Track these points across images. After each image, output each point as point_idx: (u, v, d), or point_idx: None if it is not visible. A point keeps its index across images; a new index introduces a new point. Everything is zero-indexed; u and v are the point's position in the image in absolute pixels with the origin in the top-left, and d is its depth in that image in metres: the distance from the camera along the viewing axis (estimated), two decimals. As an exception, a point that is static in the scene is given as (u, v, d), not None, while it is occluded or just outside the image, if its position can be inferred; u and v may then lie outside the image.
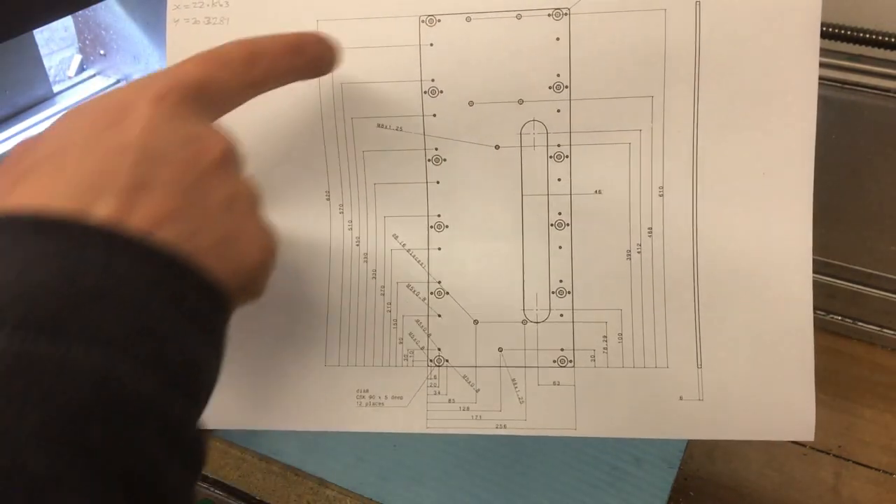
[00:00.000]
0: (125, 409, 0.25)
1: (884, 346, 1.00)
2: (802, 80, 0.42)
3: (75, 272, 0.26)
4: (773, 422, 0.44)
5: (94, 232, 0.27)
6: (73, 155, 0.29)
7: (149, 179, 0.29)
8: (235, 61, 0.34)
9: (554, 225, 0.44)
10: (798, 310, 0.43)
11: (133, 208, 0.28)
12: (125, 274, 0.26)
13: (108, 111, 0.30)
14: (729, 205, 0.43)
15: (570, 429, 0.45)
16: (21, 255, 0.26)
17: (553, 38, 0.42)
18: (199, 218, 0.30)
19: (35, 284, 0.25)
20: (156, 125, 0.30)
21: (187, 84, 0.32)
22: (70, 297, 0.25)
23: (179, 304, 0.28)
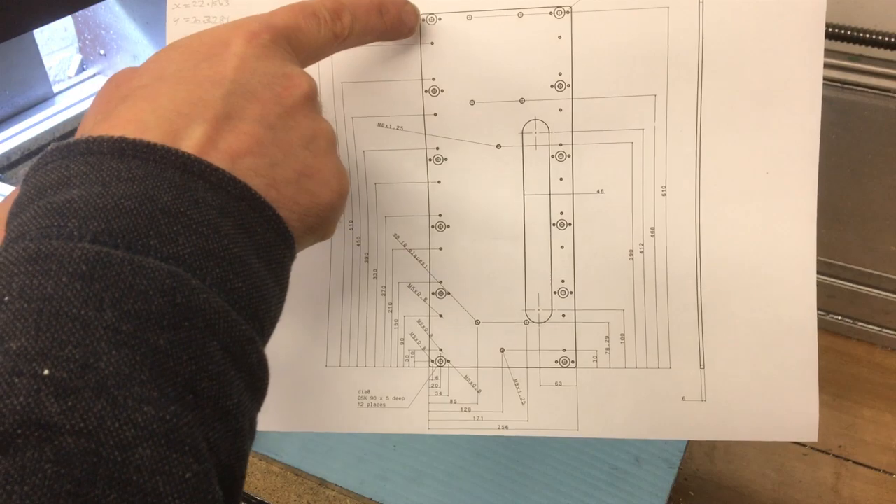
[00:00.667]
0: (194, 321, 0.26)
1: (884, 346, 1.01)
2: (806, 78, 0.41)
3: (153, 192, 0.27)
4: (776, 422, 0.44)
5: (173, 158, 0.28)
6: (168, 85, 0.31)
7: (237, 111, 0.31)
8: (323, 12, 0.36)
9: (556, 224, 0.44)
10: (801, 310, 0.43)
11: (219, 137, 0.30)
12: (200, 198, 0.28)
13: (204, 45, 0.32)
14: (732, 204, 0.43)
15: (572, 430, 0.45)
16: (104, 176, 0.27)
17: (555, 37, 0.42)
18: (280, 151, 0.32)
19: (116, 200, 0.26)
20: (248, 61, 0.32)
21: (279, 27, 0.34)
22: (147, 214, 0.27)
23: (248, 233, 0.29)
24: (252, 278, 0.29)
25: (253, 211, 0.29)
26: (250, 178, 0.30)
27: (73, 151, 0.28)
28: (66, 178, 0.27)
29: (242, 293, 0.28)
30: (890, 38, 0.83)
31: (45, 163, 0.29)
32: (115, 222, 0.26)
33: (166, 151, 0.28)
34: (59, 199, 0.27)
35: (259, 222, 0.30)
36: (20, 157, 0.95)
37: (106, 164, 0.27)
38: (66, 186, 0.27)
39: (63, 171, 0.28)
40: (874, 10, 0.88)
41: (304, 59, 0.36)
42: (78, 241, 0.25)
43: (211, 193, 0.28)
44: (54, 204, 0.27)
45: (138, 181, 0.27)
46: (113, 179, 0.27)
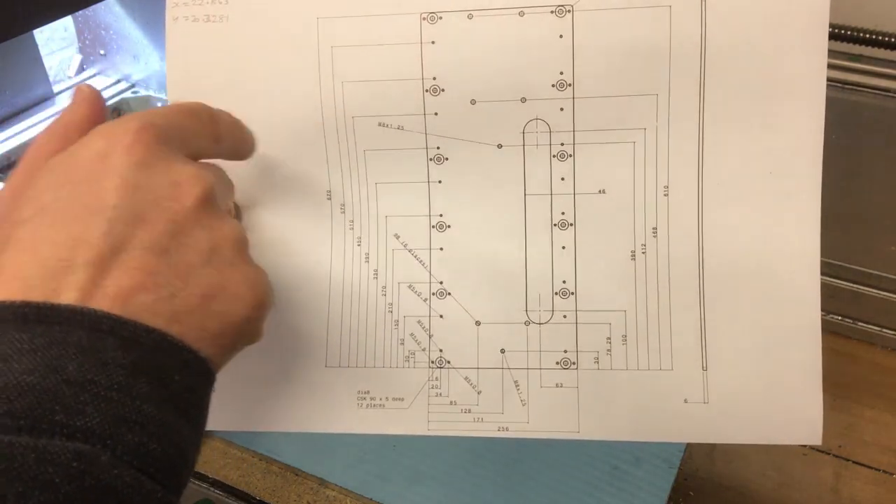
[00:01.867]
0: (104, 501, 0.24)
1: (884, 346, 1.00)
2: (810, 77, 0.41)
3: (57, 363, 0.26)
4: (780, 425, 0.44)
5: (79, 318, 0.27)
6: (47, 222, 0.29)
7: (123, 243, 0.29)
8: (202, 114, 0.35)
9: (557, 225, 0.44)
10: (806, 311, 0.43)
11: (105, 279, 0.28)
12: (108, 360, 0.26)
13: (82, 164, 0.30)
14: (735, 204, 0.43)
15: (573, 431, 0.45)
16: (5, 349, 0.26)
17: (556, 36, 0.42)
18: (177, 278, 0.29)
19: (17, 377, 0.25)
20: (129, 178, 0.30)
21: (159, 124, 0.32)
22: (51, 388, 0.25)
23: (163, 385, 0.27)
24: (168, 435, 0.27)
25: (170, 359, 0.28)
26: (148, 319, 0.28)
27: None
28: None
29: (158, 454, 0.27)
30: (890, 38, 0.83)
31: None
32: (17, 402, 0.24)
33: (71, 312, 0.27)
34: None
35: (177, 370, 0.28)
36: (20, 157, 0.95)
37: (8, 336, 0.26)
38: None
39: None
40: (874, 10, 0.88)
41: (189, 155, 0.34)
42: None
43: (121, 352, 0.27)
44: None
45: (41, 351, 0.26)
46: (14, 353, 0.25)
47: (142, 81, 1.09)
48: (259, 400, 0.46)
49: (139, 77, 1.08)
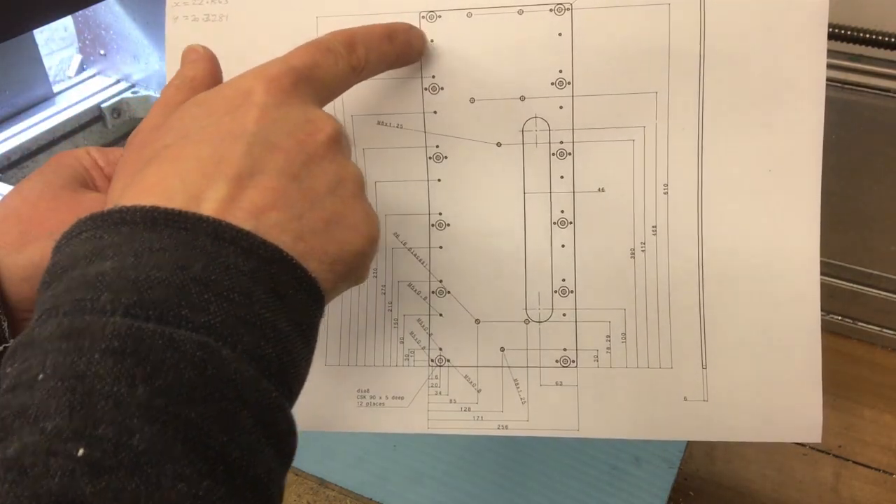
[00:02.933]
0: (225, 392, 0.26)
1: (884, 346, 1.01)
2: (810, 75, 0.41)
3: (184, 261, 0.27)
4: (779, 423, 0.44)
5: (204, 225, 0.28)
6: (191, 143, 0.31)
7: (260, 166, 0.31)
8: (337, 47, 0.36)
9: (556, 223, 0.44)
10: (805, 309, 0.43)
11: (242, 195, 0.30)
12: (231, 265, 0.28)
13: (225, 98, 0.33)
14: (734, 202, 0.42)
15: (572, 430, 0.45)
16: (136, 247, 0.27)
17: (555, 34, 0.42)
18: (305, 201, 0.31)
19: (147, 272, 0.27)
20: (268, 110, 0.32)
21: (298, 68, 0.34)
22: (178, 283, 0.27)
23: (279, 297, 0.29)
24: (282, 343, 0.29)
25: (284, 274, 0.29)
26: (277, 234, 0.30)
27: (107, 221, 0.28)
28: (99, 248, 0.28)
29: (273, 359, 0.28)
30: (890, 38, 0.83)
31: (78, 232, 0.29)
32: (147, 294, 0.26)
33: (197, 219, 0.28)
34: (92, 270, 0.27)
35: (290, 284, 0.29)
36: (20, 157, 0.95)
37: (138, 235, 0.28)
38: (98, 258, 0.27)
39: (96, 241, 0.28)
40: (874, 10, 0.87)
41: (326, 95, 0.36)
42: (110, 315, 0.26)
43: (242, 259, 0.28)
44: (87, 276, 0.27)
45: (170, 251, 0.27)
46: (145, 250, 0.27)
47: (142, 81, 1.09)
48: None
49: (139, 77, 1.09)
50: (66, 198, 0.39)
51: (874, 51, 0.85)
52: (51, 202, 0.39)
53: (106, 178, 0.42)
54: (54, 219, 0.38)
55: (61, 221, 0.38)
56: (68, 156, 0.42)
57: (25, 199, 0.39)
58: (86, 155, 0.42)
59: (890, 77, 0.89)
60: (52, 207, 0.39)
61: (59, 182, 0.40)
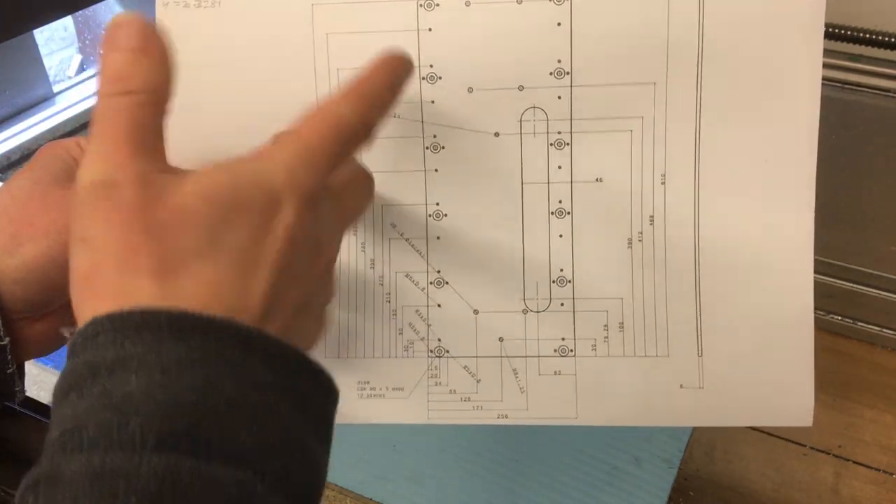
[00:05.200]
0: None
1: (884, 346, 1.00)
2: (806, 66, 0.41)
3: (215, 380, 0.26)
4: (772, 409, 0.44)
5: (233, 332, 0.27)
6: (221, 263, 0.29)
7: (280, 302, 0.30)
8: (359, 128, 0.34)
9: (554, 213, 0.44)
10: (799, 297, 0.43)
11: (269, 316, 0.29)
12: (259, 381, 0.27)
13: (260, 211, 0.30)
14: (731, 193, 0.43)
15: (570, 418, 0.45)
16: (163, 360, 0.26)
17: (554, 24, 0.42)
18: (312, 331, 0.33)
19: (177, 393, 0.25)
20: (297, 239, 0.31)
21: (324, 172, 0.32)
22: (210, 407, 0.26)
23: (304, 410, 0.29)
24: (308, 459, 0.29)
25: (309, 382, 0.29)
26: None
27: (127, 325, 0.27)
28: (122, 359, 0.26)
29: (300, 479, 0.28)
30: (890, 38, 0.83)
31: (96, 333, 0.27)
32: (179, 422, 0.25)
33: (226, 325, 0.27)
34: (118, 389, 0.26)
35: (314, 392, 0.30)
36: (20, 157, 0.95)
37: (165, 346, 0.26)
38: (122, 369, 0.26)
39: (118, 349, 0.26)
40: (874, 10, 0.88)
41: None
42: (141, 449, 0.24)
43: (270, 372, 0.28)
44: (112, 395, 0.26)
45: (199, 366, 0.26)
46: (173, 365, 0.26)
47: (142, 82, 1.08)
48: None
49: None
50: (57, 195, 0.38)
51: (874, 51, 0.85)
52: (41, 201, 0.38)
53: None
54: (45, 218, 0.37)
55: (52, 220, 0.37)
56: (57, 147, 0.41)
57: (15, 199, 0.38)
58: (74, 146, 0.41)
59: (890, 77, 0.89)
60: (43, 206, 0.38)
61: (48, 178, 0.39)
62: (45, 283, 0.37)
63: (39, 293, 0.38)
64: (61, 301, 0.39)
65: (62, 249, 0.37)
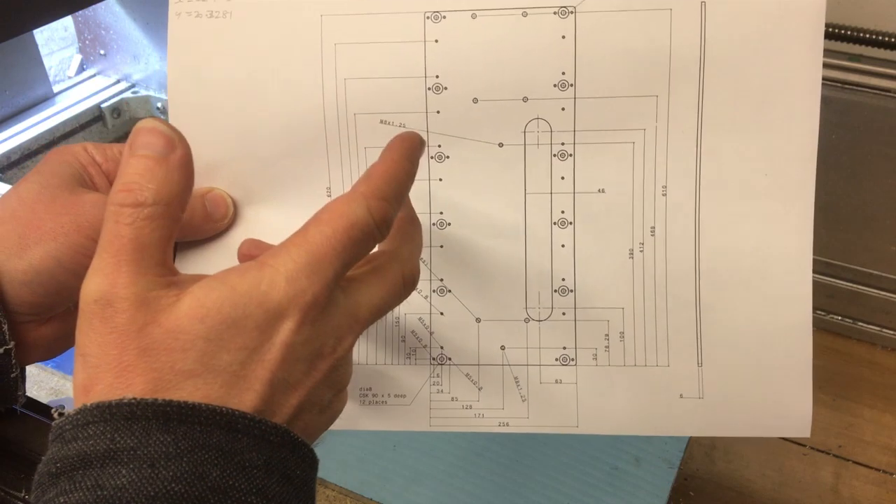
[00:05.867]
0: None
1: (884, 346, 1.01)
2: (806, 80, 0.42)
3: (201, 469, 0.27)
4: (771, 419, 0.44)
5: (218, 418, 0.28)
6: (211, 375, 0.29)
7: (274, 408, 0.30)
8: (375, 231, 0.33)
9: (557, 223, 0.44)
10: (797, 309, 0.44)
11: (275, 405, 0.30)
12: (246, 462, 0.28)
13: (259, 325, 0.30)
14: (731, 204, 0.43)
15: (571, 427, 0.45)
16: (152, 452, 0.27)
17: (559, 37, 0.42)
18: (318, 414, 0.33)
19: (165, 486, 0.26)
20: (296, 349, 0.30)
21: (331, 282, 0.31)
22: (197, 496, 0.26)
23: (290, 482, 0.29)
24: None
25: (293, 455, 0.30)
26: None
27: (117, 416, 0.27)
28: (113, 451, 0.27)
29: None
30: (890, 38, 0.83)
31: (86, 422, 0.27)
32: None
33: (211, 412, 0.28)
34: (109, 482, 0.26)
35: (298, 465, 0.30)
36: (20, 157, 0.95)
37: (153, 437, 0.27)
38: (113, 462, 0.27)
39: (108, 441, 0.27)
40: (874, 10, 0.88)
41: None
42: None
43: (256, 451, 0.28)
44: (103, 489, 0.26)
45: (186, 456, 0.27)
46: (161, 457, 0.26)
47: (142, 81, 1.09)
48: None
49: (139, 77, 1.09)
50: (64, 199, 0.38)
51: (874, 51, 0.85)
52: (49, 204, 0.38)
53: (104, 176, 0.41)
54: (53, 221, 0.38)
55: (60, 224, 0.37)
56: (65, 152, 0.41)
57: (23, 201, 0.38)
58: (83, 151, 0.41)
59: (890, 77, 0.89)
60: (51, 210, 0.38)
61: (56, 182, 0.39)
62: (52, 285, 0.38)
63: (46, 296, 0.38)
64: (67, 304, 0.40)
65: (69, 252, 0.37)
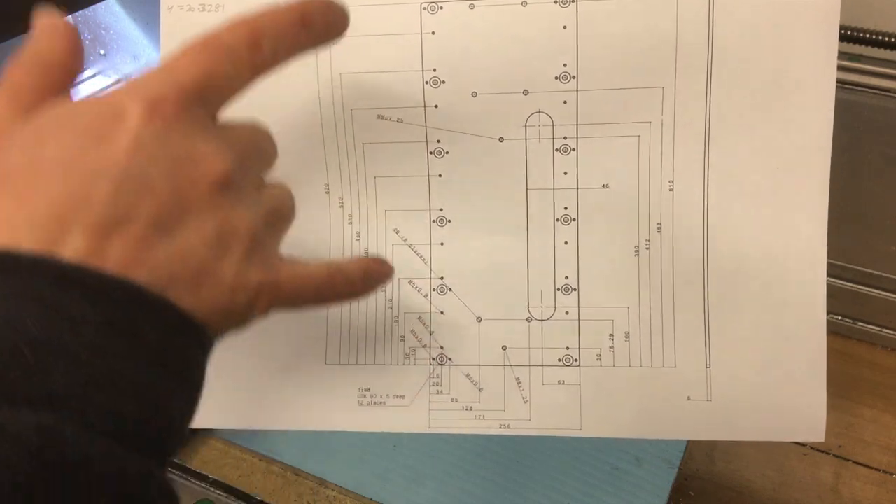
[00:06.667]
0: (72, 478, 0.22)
1: (884, 346, 1.00)
2: (820, 73, 0.41)
3: (17, 319, 0.23)
4: (782, 423, 0.43)
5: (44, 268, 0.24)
6: (43, 177, 0.25)
7: (126, 214, 0.25)
8: (238, 47, 0.30)
9: (560, 220, 0.44)
10: (811, 309, 0.43)
11: (104, 247, 0.25)
12: (76, 316, 0.24)
13: (93, 118, 0.27)
14: (741, 200, 0.42)
15: (575, 429, 0.45)
16: None
17: (560, 27, 0.42)
18: (176, 260, 0.27)
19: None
20: (145, 143, 0.26)
21: (187, 87, 0.28)
22: (9, 348, 0.23)
23: (140, 345, 0.25)
24: (148, 398, 0.25)
25: (142, 314, 0.25)
26: None
27: None
28: None
29: (136, 421, 0.24)
30: (890, 38, 0.83)
31: None
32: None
33: (36, 261, 0.24)
34: None
35: (152, 326, 0.25)
36: None
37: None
38: None
39: None
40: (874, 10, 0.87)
41: (222, 105, 0.31)
42: None
43: (90, 306, 0.24)
44: None
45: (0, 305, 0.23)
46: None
47: (140, 81, 1.08)
48: (259, 398, 0.46)
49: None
50: None
51: (874, 51, 0.85)
52: None
53: None
54: None
55: None
56: None
57: None
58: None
59: (890, 77, 0.89)
60: None
61: None
62: None
63: None
64: None
65: None
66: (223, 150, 0.29)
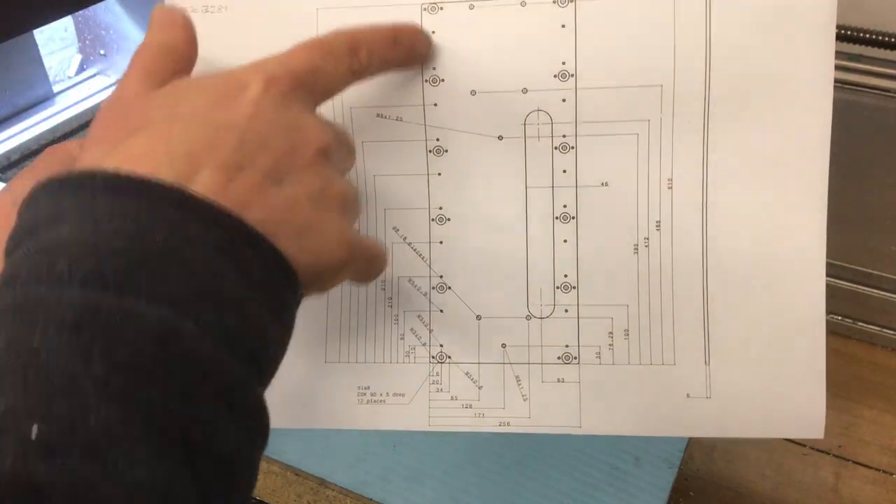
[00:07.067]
0: (184, 367, 0.25)
1: (884, 346, 1.00)
2: (818, 68, 0.41)
3: (145, 230, 0.26)
4: (782, 420, 0.43)
5: (167, 193, 0.27)
6: (181, 125, 0.30)
7: (247, 162, 0.30)
8: (340, 50, 0.36)
9: (559, 218, 0.44)
10: (809, 305, 0.43)
11: (227, 186, 0.29)
12: (193, 236, 0.27)
13: (221, 87, 0.32)
14: (740, 198, 0.42)
15: (574, 427, 0.45)
16: (96, 212, 0.26)
17: (558, 26, 0.42)
18: (284, 207, 0.31)
19: (106, 241, 0.26)
20: (263, 109, 0.32)
21: (297, 73, 0.33)
22: (138, 254, 0.26)
23: (244, 272, 0.28)
24: (248, 318, 0.28)
25: (249, 248, 0.29)
26: None
27: (66, 185, 0.28)
28: (58, 213, 0.27)
29: (237, 334, 0.27)
30: (890, 38, 0.83)
31: (38, 196, 0.28)
32: (106, 263, 0.25)
33: (161, 187, 0.27)
34: (50, 236, 0.26)
35: (257, 260, 0.29)
36: (20, 157, 0.95)
37: (99, 200, 0.27)
38: (56, 222, 0.27)
39: (54, 207, 0.27)
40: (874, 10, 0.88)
41: (322, 98, 0.36)
42: (67, 285, 0.25)
43: (205, 230, 0.27)
44: (44, 242, 0.26)
45: (131, 218, 0.26)
46: (105, 216, 0.26)
47: (141, 81, 1.08)
48: None
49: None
50: None
51: (874, 51, 0.85)
52: None
53: None
54: None
55: None
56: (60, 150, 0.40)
57: (16, 202, 0.38)
58: (77, 147, 0.40)
59: (890, 77, 0.89)
60: None
61: None
62: None
63: None
64: None
65: None
66: (325, 128, 0.34)
